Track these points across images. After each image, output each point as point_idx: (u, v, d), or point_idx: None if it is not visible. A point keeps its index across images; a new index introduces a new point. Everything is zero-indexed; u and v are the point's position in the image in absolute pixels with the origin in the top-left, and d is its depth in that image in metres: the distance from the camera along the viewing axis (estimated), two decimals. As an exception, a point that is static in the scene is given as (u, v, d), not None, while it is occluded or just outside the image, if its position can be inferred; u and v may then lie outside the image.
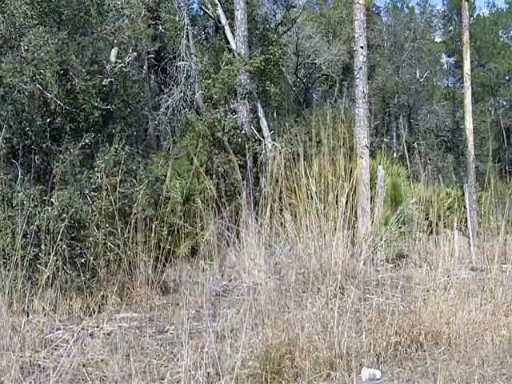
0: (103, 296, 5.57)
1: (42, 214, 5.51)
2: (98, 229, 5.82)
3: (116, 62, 7.09)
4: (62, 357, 3.75)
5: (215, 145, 10.78)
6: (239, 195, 8.21)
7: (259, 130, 12.69)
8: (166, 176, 8.14)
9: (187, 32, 13.16)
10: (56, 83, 6.08)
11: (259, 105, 13.13)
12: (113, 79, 6.76)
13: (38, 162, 6.14)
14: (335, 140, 6.99)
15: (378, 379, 3.96)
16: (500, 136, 29.02)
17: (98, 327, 4.83)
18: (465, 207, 8.92)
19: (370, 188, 8.71)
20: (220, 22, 13.64)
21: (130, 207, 6.16)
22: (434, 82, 32.63)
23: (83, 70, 6.32)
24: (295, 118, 16.86)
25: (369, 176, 8.66)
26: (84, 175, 5.98)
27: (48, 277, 5.04)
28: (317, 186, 6.44)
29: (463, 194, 9.34)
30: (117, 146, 6.21)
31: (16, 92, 6.00)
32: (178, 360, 3.86)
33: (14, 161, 5.98)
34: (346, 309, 4.46)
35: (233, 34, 12.75)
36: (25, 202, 5.44)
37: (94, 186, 5.98)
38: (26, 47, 5.97)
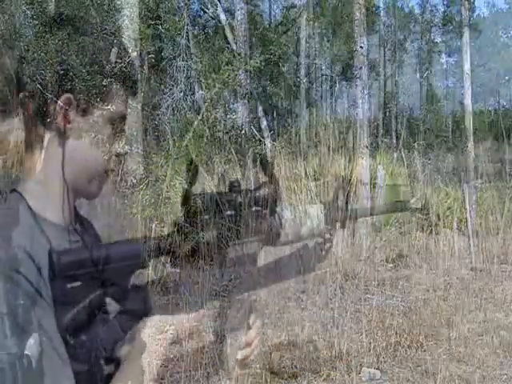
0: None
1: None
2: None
3: (116, 62, 7.10)
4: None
5: (215, 145, 10.78)
6: (239, 195, 8.19)
7: (259, 129, 12.69)
8: (165, 176, 8.14)
9: (187, 32, 13.16)
10: (56, 83, 6.09)
11: (259, 105, 13.14)
12: (113, 79, 6.77)
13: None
14: (335, 140, 7.00)
15: (377, 379, 3.96)
16: (500, 136, 29.01)
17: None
18: (465, 207, 8.91)
19: (370, 188, 8.70)
20: (220, 22, 13.65)
21: (131, 207, 6.16)
22: (434, 81, 32.65)
23: (83, 70, 6.33)
24: (295, 118, 16.86)
25: (368, 176, 8.65)
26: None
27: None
28: (316, 186, 6.45)
29: (463, 193, 9.33)
30: (117, 145, 6.21)
31: (16, 92, 6.01)
32: (178, 360, 3.86)
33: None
34: (345, 309, 4.46)
35: (233, 33, 12.75)
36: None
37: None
38: (26, 47, 5.99)
